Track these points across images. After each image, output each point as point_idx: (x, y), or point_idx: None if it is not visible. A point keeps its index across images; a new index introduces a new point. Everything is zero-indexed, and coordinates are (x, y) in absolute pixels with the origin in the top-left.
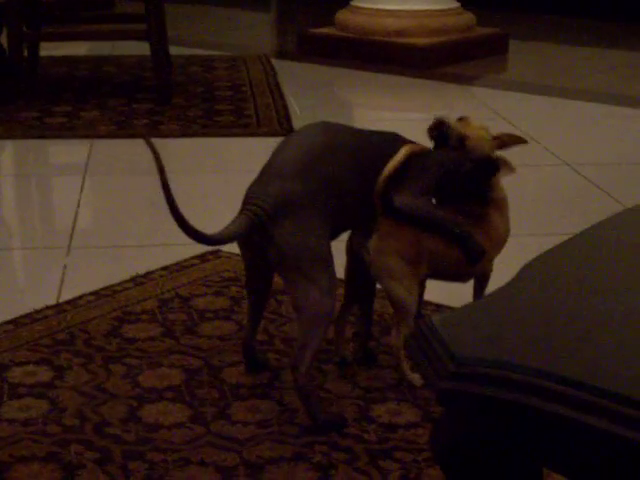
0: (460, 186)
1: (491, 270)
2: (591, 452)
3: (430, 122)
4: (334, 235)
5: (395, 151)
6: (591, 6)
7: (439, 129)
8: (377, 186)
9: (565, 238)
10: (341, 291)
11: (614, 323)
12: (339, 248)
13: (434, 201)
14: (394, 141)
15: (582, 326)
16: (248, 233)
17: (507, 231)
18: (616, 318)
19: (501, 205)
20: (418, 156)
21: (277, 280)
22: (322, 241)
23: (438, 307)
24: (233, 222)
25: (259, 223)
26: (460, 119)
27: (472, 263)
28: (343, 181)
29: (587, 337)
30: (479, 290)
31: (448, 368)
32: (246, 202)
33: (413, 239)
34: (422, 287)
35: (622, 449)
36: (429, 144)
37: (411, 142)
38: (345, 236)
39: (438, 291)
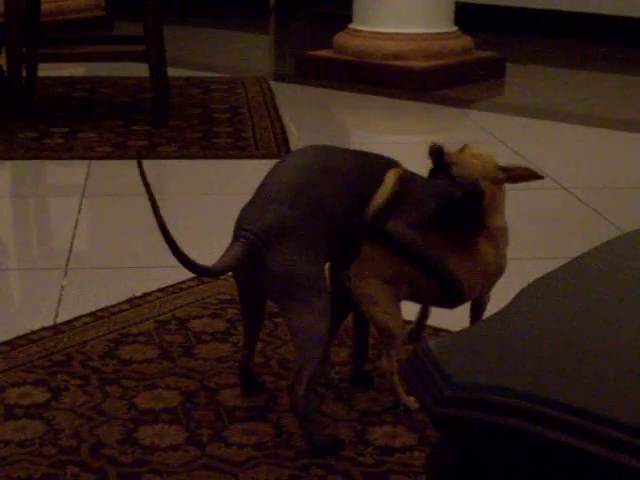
0: (448, 214)
1: (487, 301)
2: (587, 478)
3: (428, 146)
4: (330, 258)
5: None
6: (588, 30)
7: (433, 154)
8: (368, 212)
9: (562, 262)
10: None
11: (611, 349)
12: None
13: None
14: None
15: (578, 352)
16: (244, 261)
17: (499, 263)
18: (613, 344)
19: (496, 236)
20: (412, 183)
21: (272, 302)
22: (316, 265)
23: (435, 331)
24: (229, 251)
25: (253, 249)
26: (462, 147)
27: (450, 306)
28: (337, 205)
29: (584, 363)
30: (475, 320)
31: (444, 393)
32: (239, 228)
33: (392, 261)
34: (426, 313)
35: (619, 475)
36: (424, 168)
37: (405, 170)
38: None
39: (436, 315)
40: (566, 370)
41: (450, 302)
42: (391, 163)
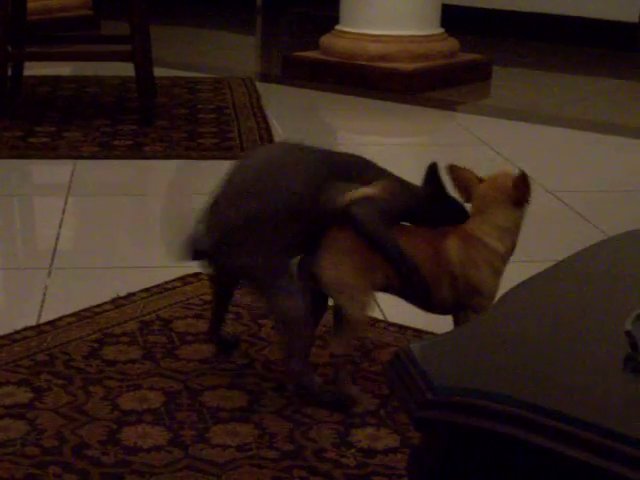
0: (421, 216)
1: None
2: None
3: (420, 148)
4: (297, 249)
5: (361, 177)
6: (575, 33)
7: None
8: (341, 200)
9: (546, 265)
10: None
11: (593, 354)
12: None
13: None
14: (363, 166)
15: (560, 356)
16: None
17: (465, 269)
18: (595, 349)
19: (469, 242)
20: (389, 181)
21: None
22: (279, 255)
23: (418, 333)
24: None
25: (217, 244)
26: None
27: (418, 300)
28: (300, 201)
29: (565, 367)
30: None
31: (426, 397)
32: (205, 221)
33: (360, 248)
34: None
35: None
36: (409, 169)
37: (382, 169)
38: None
39: (419, 317)
40: (547, 374)
41: (413, 293)
42: (364, 163)
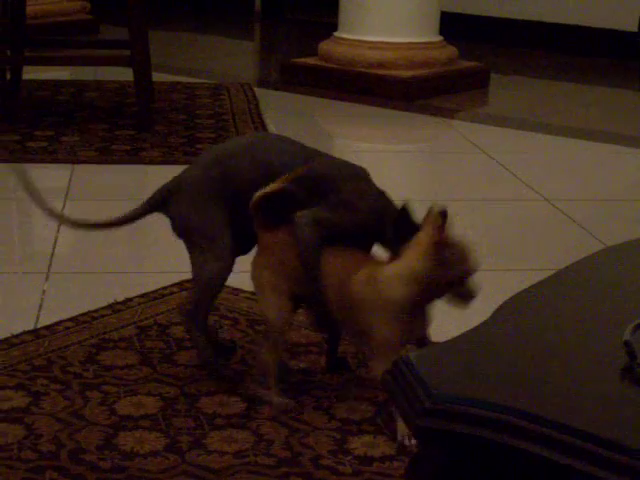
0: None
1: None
2: None
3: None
4: (234, 225)
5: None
6: (572, 42)
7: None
8: (253, 199)
9: (542, 274)
10: None
11: (591, 363)
12: None
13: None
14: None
15: (559, 365)
16: (148, 213)
17: (358, 306)
18: (594, 358)
19: (382, 277)
20: (344, 185)
21: (254, 310)
22: (212, 221)
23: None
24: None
25: (162, 201)
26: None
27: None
28: (242, 182)
29: (564, 376)
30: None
31: (424, 405)
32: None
33: (286, 253)
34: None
35: None
36: (406, 177)
37: (368, 181)
38: None
39: None
40: (546, 383)
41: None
42: (356, 171)
